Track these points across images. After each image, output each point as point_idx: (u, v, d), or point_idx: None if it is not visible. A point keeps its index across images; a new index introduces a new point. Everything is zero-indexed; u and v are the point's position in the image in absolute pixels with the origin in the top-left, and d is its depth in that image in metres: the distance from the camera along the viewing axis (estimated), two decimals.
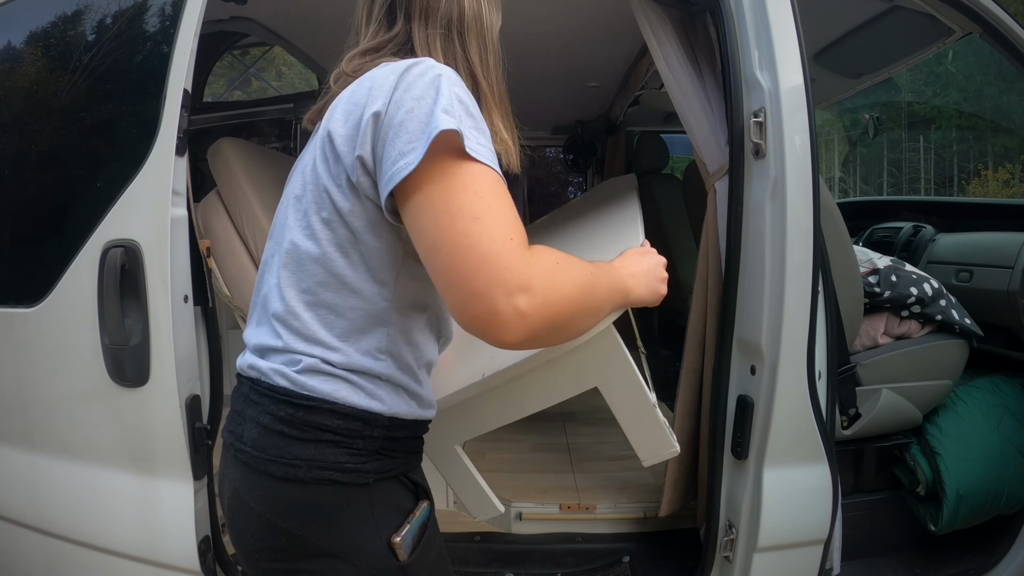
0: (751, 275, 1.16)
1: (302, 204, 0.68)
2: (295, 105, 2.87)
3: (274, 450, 0.68)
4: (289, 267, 0.68)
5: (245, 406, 0.73)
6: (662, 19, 1.32)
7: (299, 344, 0.68)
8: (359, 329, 0.68)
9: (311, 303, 0.67)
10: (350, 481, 0.68)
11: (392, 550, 0.69)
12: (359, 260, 0.66)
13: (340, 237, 0.66)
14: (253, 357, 0.73)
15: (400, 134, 0.59)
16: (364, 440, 0.69)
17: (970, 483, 1.45)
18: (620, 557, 1.50)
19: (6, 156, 1.28)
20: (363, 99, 0.64)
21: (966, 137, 19.22)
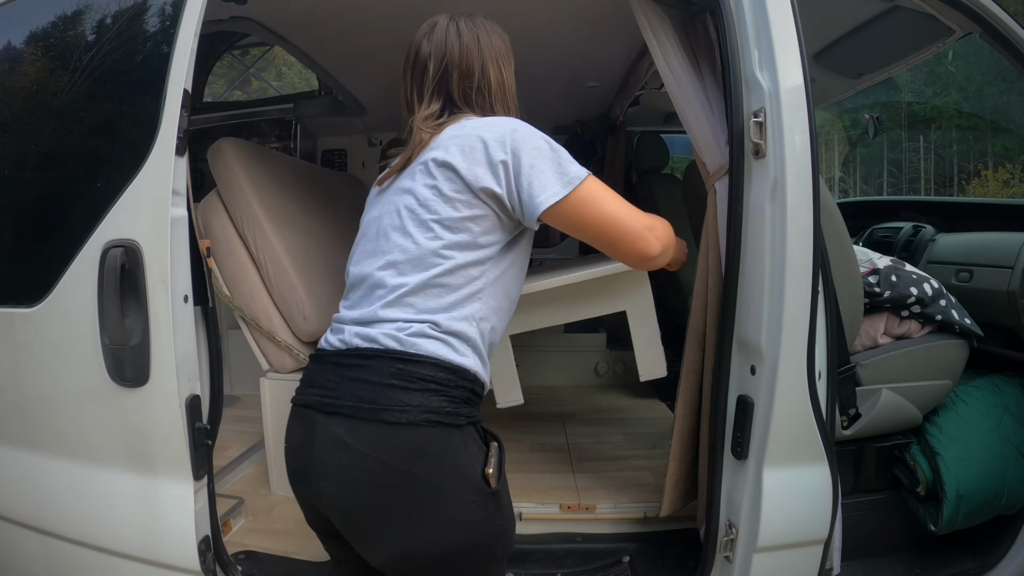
0: (751, 275, 1.16)
1: (418, 214, 0.91)
2: (295, 105, 2.87)
3: (389, 400, 0.86)
4: (407, 258, 0.91)
5: (344, 371, 0.90)
6: (662, 19, 1.32)
7: (409, 313, 0.89)
8: (460, 304, 0.90)
9: (425, 283, 0.89)
10: (450, 423, 0.87)
11: (485, 479, 0.89)
12: (469, 255, 0.90)
13: (458, 239, 0.90)
14: (357, 328, 0.92)
15: (536, 175, 0.90)
16: (457, 390, 0.89)
17: (970, 483, 1.46)
18: (620, 557, 1.50)
19: (6, 156, 1.29)
20: (479, 144, 0.90)
21: (966, 137, 19.20)
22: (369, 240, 0.98)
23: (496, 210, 0.91)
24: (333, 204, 2.21)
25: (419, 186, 0.92)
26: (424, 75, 1.02)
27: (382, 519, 0.87)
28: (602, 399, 2.54)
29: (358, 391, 0.88)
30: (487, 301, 0.93)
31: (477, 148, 0.90)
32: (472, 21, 1.06)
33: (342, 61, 2.27)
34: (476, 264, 0.91)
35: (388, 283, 0.91)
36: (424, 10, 1.75)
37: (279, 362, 1.75)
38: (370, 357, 0.89)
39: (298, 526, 1.64)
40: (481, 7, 1.73)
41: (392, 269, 0.91)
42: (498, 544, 0.94)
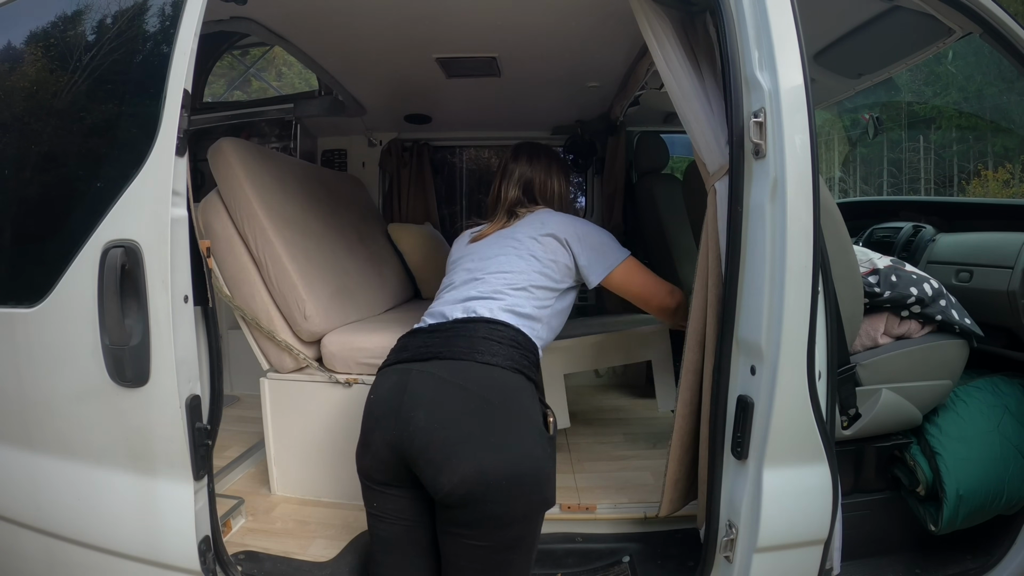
0: (751, 275, 1.16)
1: (524, 254, 1.37)
2: (295, 105, 2.87)
3: (483, 348, 1.16)
4: (507, 274, 1.33)
5: (442, 334, 1.21)
6: (662, 19, 1.32)
7: (502, 298, 1.28)
8: (537, 303, 1.31)
9: (517, 287, 1.31)
10: (527, 373, 1.18)
11: (546, 423, 1.15)
12: (547, 283, 1.35)
13: (545, 272, 1.36)
14: (459, 305, 1.28)
15: (602, 249, 1.43)
16: (531, 354, 1.23)
17: (970, 483, 1.45)
18: (620, 557, 1.50)
19: (6, 156, 1.29)
20: (572, 228, 1.42)
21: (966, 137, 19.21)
22: (473, 260, 1.41)
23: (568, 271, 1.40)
24: (333, 204, 2.21)
25: (522, 238, 1.39)
26: (511, 178, 1.54)
27: (466, 439, 1.06)
28: (602, 399, 2.55)
29: (456, 343, 1.17)
30: (551, 312, 1.35)
31: (566, 231, 1.41)
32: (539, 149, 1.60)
33: (342, 61, 2.27)
34: (550, 290, 1.35)
35: (490, 280, 1.31)
36: (424, 10, 1.76)
37: (279, 362, 1.75)
38: (468, 322, 1.22)
39: (298, 526, 1.64)
40: (482, 7, 1.74)
41: (499, 273, 1.32)
42: (549, 486, 1.12)
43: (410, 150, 3.26)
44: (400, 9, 1.75)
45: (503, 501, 1.05)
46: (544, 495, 1.10)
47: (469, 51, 2.10)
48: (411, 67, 2.27)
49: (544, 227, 1.41)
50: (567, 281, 1.39)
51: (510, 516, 1.07)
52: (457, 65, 2.23)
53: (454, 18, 1.83)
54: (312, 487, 1.76)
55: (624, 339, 1.85)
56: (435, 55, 2.14)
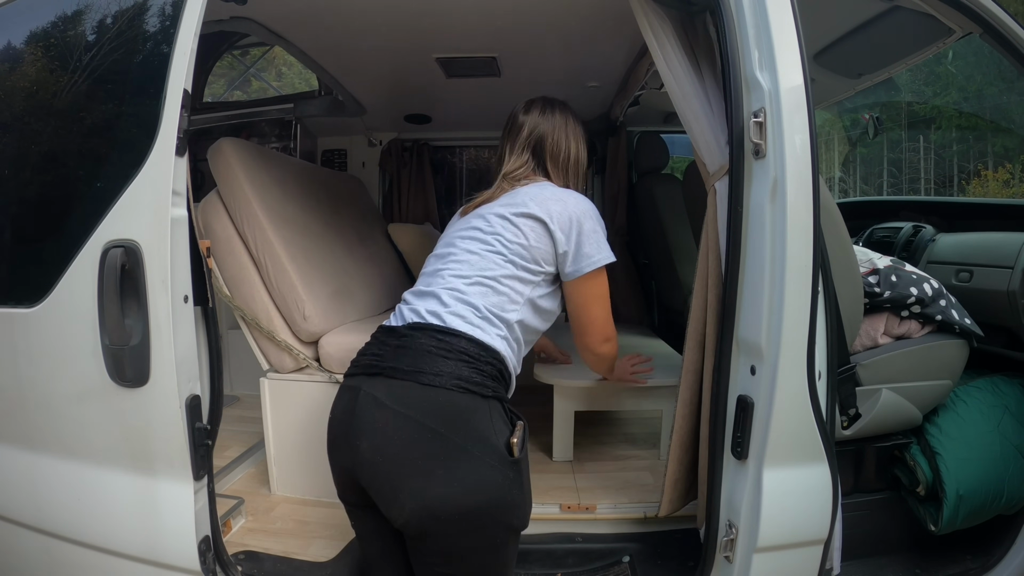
0: (751, 275, 1.16)
1: (492, 244, 1.15)
2: (295, 105, 2.87)
3: (427, 366, 1.01)
4: (464, 264, 1.15)
5: (392, 341, 1.08)
6: (662, 19, 1.32)
7: (456, 299, 1.10)
8: (505, 300, 1.13)
9: (477, 281, 1.12)
10: (477, 391, 1.01)
11: (509, 448, 1.00)
12: (520, 272, 1.15)
13: (515, 259, 1.15)
14: (413, 306, 1.12)
15: (589, 243, 1.20)
16: (486, 365, 1.05)
17: (970, 483, 1.45)
18: (620, 557, 1.50)
19: (6, 156, 1.29)
20: (560, 207, 1.18)
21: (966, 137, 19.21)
22: (444, 244, 1.23)
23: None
24: (333, 204, 2.21)
25: (494, 222, 1.18)
26: (518, 135, 1.32)
27: (409, 473, 0.96)
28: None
29: (402, 357, 1.03)
30: (523, 312, 1.15)
31: (557, 209, 1.18)
32: (555, 104, 1.36)
33: (342, 61, 2.27)
34: (524, 281, 1.16)
35: (446, 276, 1.13)
36: (424, 9, 1.76)
37: (279, 362, 1.75)
38: (417, 330, 1.07)
39: (298, 526, 1.65)
40: (482, 7, 1.74)
41: (458, 264, 1.14)
42: (515, 514, 1.02)
43: (410, 150, 3.26)
44: (400, 9, 1.75)
45: (459, 534, 0.98)
46: (508, 523, 1.01)
47: (469, 51, 2.10)
48: (411, 67, 2.27)
49: (527, 205, 1.17)
50: (548, 267, 1.18)
51: (471, 548, 1.00)
52: (457, 65, 2.23)
53: (454, 18, 1.83)
54: (312, 487, 1.76)
55: (641, 391, 1.85)
56: (435, 55, 2.14)
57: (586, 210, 1.21)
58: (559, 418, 1.89)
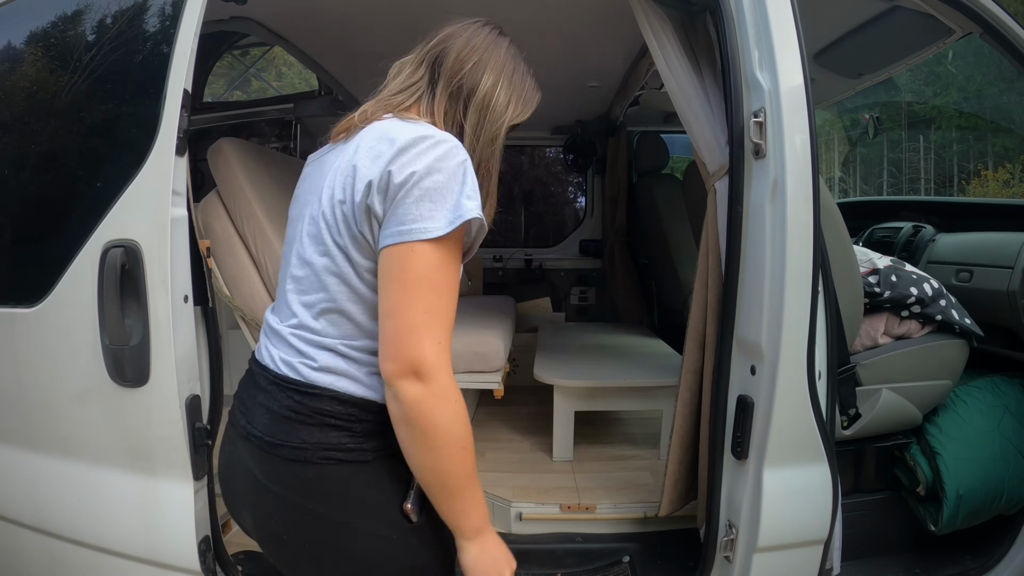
0: (751, 275, 1.16)
1: (325, 243, 0.80)
2: (295, 105, 2.87)
3: (283, 435, 0.79)
4: (299, 290, 0.84)
5: (253, 391, 0.85)
6: (662, 19, 1.32)
7: (304, 344, 0.82)
8: (353, 330, 0.81)
9: (321, 311, 0.81)
10: (354, 459, 0.80)
11: (405, 515, 0.81)
12: (361, 289, 0.80)
13: (348, 277, 0.80)
14: (266, 340, 0.87)
15: (423, 200, 0.74)
16: (360, 424, 0.80)
17: (970, 483, 1.45)
18: (620, 557, 1.50)
19: (6, 156, 1.28)
20: (384, 152, 0.77)
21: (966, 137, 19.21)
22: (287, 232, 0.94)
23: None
24: None
25: (323, 203, 0.83)
26: (423, 44, 0.95)
27: (296, 556, 0.83)
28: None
29: (262, 419, 0.82)
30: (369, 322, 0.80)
31: (381, 154, 0.77)
32: (500, 32, 1.00)
33: (342, 61, 2.27)
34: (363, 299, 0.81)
35: (287, 298, 0.84)
36: (423, 9, 1.76)
37: None
38: (273, 384, 0.82)
39: None
40: (482, 7, 1.74)
41: (293, 283, 0.84)
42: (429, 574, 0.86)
43: None
44: (400, 9, 1.75)
45: None
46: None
47: None
48: None
49: (355, 152, 0.80)
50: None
51: None
52: None
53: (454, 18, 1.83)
54: None
55: (641, 391, 1.89)
56: None
57: (429, 161, 0.75)
58: (559, 418, 1.89)
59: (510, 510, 1.61)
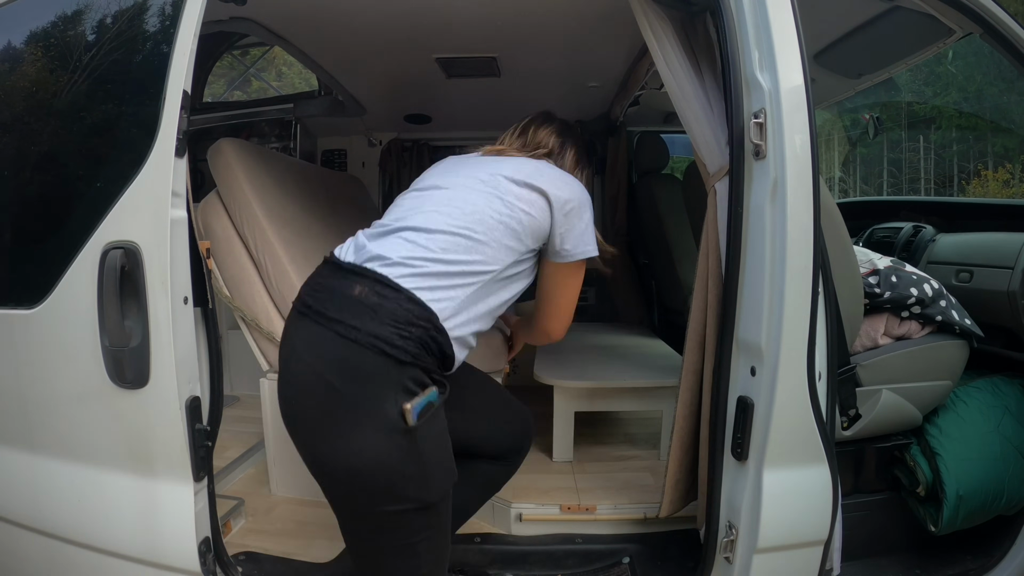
0: (751, 276, 1.16)
1: (500, 197, 1.08)
2: (295, 105, 2.87)
3: (350, 317, 0.95)
4: (450, 209, 1.06)
5: (333, 281, 1.02)
6: (662, 19, 1.32)
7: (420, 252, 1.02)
8: (477, 259, 1.04)
9: (453, 230, 1.04)
10: (392, 354, 0.93)
11: (403, 415, 0.93)
12: (506, 237, 1.08)
13: (506, 221, 1.07)
14: (370, 245, 1.05)
15: (587, 232, 1.16)
16: (420, 329, 0.96)
17: (970, 484, 1.45)
18: (620, 558, 1.50)
19: (6, 156, 1.28)
20: (568, 190, 1.13)
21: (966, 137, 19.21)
22: (429, 179, 1.19)
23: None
24: (333, 204, 2.21)
25: (501, 178, 1.13)
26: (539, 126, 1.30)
27: (305, 422, 0.98)
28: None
29: (330, 302, 0.98)
30: (492, 281, 1.05)
31: (561, 192, 1.13)
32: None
33: (342, 61, 2.27)
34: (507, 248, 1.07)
35: (422, 217, 1.05)
36: (424, 10, 1.76)
37: None
38: (357, 273, 1.00)
39: (298, 527, 1.64)
40: (482, 7, 1.74)
41: (441, 209, 1.06)
42: (408, 486, 0.96)
43: (410, 150, 3.26)
44: (400, 9, 1.75)
45: (347, 496, 0.99)
46: (395, 495, 0.95)
47: (469, 51, 2.10)
48: (411, 67, 2.26)
49: (535, 177, 1.10)
50: (536, 244, 1.11)
51: (363, 512, 0.99)
52: (457, 65, 2.23)
53: (454, 18, 1.82)
54: (312, 487, 1.74)
55: (641, 391, 1.89)
56: (435, 55, 2.14)
57: (588, 201, 1.17)
58: (559, 418, 1.89)
59: (510, 511, 1.61)
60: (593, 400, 1.91)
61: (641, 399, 1.93)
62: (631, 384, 1.91)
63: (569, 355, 2.17)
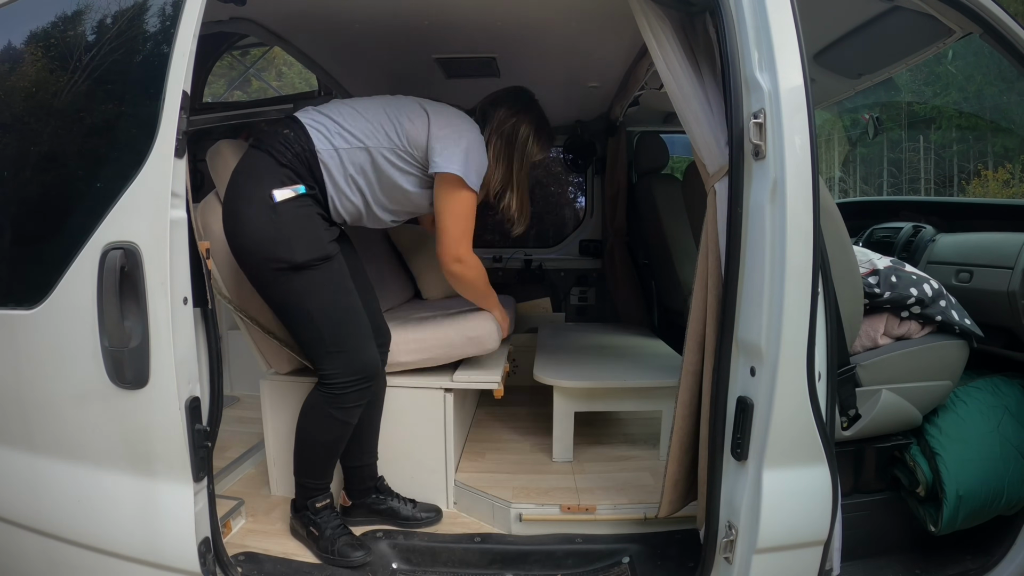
0: (751, 276, 1.15)
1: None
2: (295, 105, 2.87)
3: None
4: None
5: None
6: (662, 19, 1.32)
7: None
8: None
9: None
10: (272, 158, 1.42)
11: (270, 195, 1.38)
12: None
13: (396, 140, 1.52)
14: None
15: (448, 149, 1.50)
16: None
17: (970, 484, 1.45)
18: (620, 558, 1.50)
19: (6, 157, 1.28)
20: (447, 116, 1.55)
21: (966, 137, 19.22)
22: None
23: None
24: None
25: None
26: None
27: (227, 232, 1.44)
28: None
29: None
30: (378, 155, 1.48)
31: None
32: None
33: (341, 61, 2.27)
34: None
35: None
36: (423, 10, 1.76)
37: (278, 363, 1.75)
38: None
39: None
40: (481, 7, 1.74)
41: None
42: (278, 247, 1.37)
43: None
44: (400, 9, 1.75)
45: (236, 255, 1.44)
46: (268, 255, 1.38)
47: (469, 51, 2.10)
48: (411, 67, 2.26)
49: (431, 106, 1.54)
50: (408, 146, 1.48)
51: (250, 277, 1.45)
52: (457, 65, 2.23)
53: (454, 18, 1.83)
54: None
55: (641, 391, 1.89)
56: (435, 55, 2.14)
57: (472, 135, 1.53)
58: (559, 418, 1.89)
59: (510, 511, 1.61)
60: (593, 400, 1.91)
61: (641, 399, 1.93)
62: (631, 384, 1.91)
63: (569, 355, 2.17)
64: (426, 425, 1.72)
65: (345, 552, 1.46)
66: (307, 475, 1.52)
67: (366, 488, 1.65)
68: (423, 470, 1.73)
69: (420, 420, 1.72)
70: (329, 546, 1.47)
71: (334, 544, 1.47)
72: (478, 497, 1.69)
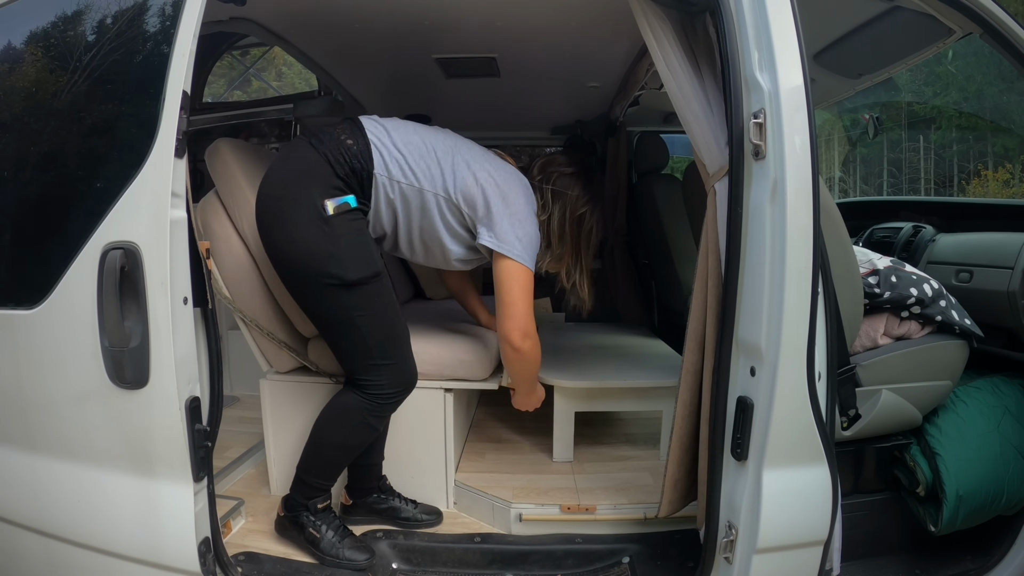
0: (751, 276, 1.15)
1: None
2: (295, 105, 2.87)
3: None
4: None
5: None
6: (662, 19, 1.32)
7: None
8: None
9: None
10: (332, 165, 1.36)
11: (323, 206, 1.32)
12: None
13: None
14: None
15: (504, 223, 1.45)
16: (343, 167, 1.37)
17: (970, 484, 1.45)
18: (620, 558, 1.50)
19: (6, 157, 1.28)
20: (488, 173, 1.48)
21: (966, 137, 19.22)
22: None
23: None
24: None
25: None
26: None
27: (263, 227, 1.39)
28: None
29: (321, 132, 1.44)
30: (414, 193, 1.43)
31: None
32: None
33: (341, 61, 2.27)
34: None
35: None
36: (423, 10, 1.76)
37: (279, 362, 1.75)
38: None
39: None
40: (481, 7, 1.74)
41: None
42: (330, 263, 1.31)
43: None
44: (400, 9, 1.75)
45: (289, 272, 1.38)
46: (320, 270, 1.31)
47: (469, 51, 2.10)
48: (410, 67, 2.27)
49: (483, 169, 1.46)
50: (460, 203, 1.43)
51: (302, 287, 1.38)
52: (457, 65, 2.23)
53: (453, 18, 1.83)
54: None
55: (641, 391, 1.89)
56: (434, 55, 2.14)
57: (519, 203, 1.46)
58: (559, 418, 1.89)
59: (510, 511, 1.61)
60: (593, 400, 1.91)
61: (641, 399, 1.93)
62: (631, 384, 1.91)
63: (569, 355, 2.17)
64: (426, 425, 1.72)
65: (351, 556, 1.45)
66: (317, 475, 1.50)
67: (369, 487, 1.65)
68: (423, 470, 1.73)
69: (420, 420, 1.72)
70: (332, 548, 1.46)
71: (339, 547, 1.46)
72: (478, 497, 1.69)
